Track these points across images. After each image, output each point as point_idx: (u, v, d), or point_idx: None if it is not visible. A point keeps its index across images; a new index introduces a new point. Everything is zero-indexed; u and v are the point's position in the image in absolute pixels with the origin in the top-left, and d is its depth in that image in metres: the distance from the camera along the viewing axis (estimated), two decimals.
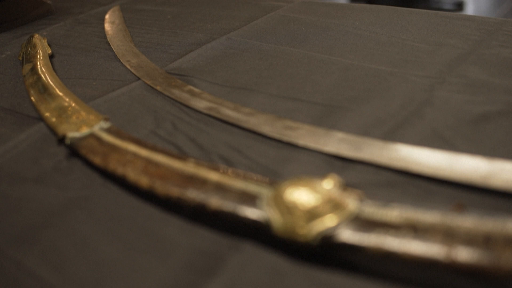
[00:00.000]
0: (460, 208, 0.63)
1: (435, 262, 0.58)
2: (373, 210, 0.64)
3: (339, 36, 1.43)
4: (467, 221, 0.60)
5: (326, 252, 0.65)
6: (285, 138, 0.93)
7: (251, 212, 0.68)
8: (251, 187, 0.71)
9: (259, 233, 0.69)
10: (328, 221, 0.63)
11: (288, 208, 0.65)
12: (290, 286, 0.64)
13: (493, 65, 1.19)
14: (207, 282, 0.66)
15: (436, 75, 1.15)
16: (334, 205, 0.64)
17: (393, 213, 0.63)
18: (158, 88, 1.15)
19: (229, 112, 1.02)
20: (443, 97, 1.06)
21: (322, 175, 0.70)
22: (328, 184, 0.67)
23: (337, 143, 0.89)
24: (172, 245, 0.73)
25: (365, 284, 0.63)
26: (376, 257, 0.60)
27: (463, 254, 0.57)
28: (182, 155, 0.81)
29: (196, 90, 1.12)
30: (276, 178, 0.81)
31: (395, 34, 1.41)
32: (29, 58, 1.30)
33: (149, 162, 0.80)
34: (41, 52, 1.32)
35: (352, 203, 0.65)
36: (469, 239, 0.58)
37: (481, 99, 1.06)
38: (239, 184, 0.73)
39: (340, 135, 0.91)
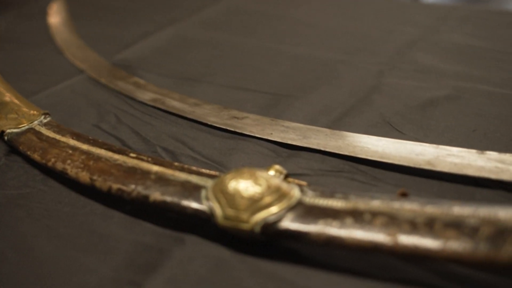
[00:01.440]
0: (404, 195, 0.63)
1: (379, 246, 0.57)
2: (316, 198, 0.63)
3: (290, 25, 1.42)
4: (411, 206, 0.59)
5: (270, 241, 0.64)
6: (231, 128, 0.91)
7: (194, 204, 0.66)
8: (194, 178, 0.70)
9: (203, 225, 0.67)
10: (270, 209, 0.61)
11: (231, 199, 0.63)
12: (234, 277, 0.62)
13: (443, 51, 1.19)
14: (150, 277, 0.64)
15: (385, 62, 1.15)
16: (277, 194, 0.62)
17: (337, 200, 0.62)
18: (102, 80, 1.12)
19: (174, 103, 1.00)
20: (392, 84, 1.06)
21: (268, 164, 0.69)
22: (271, 174, 0.66)
23: (283, 132, 0.88)
24: (114, 241, 0.70)
25: (310, 274, 0.62)
26: (320, 243, 0.59)
27: (406, 238, 0.56)
28: (123, 149, 0.79)
29: (141, 81, 1.10)
30: (221, 169, 0.80)
31: (347, 22, 1.40)
32: None
33: (89, 156, 0.77)
34: None
35: (294, 191, 0.63)
36: (413, 223, 0.57)
37: (429, 84, 1.06)
38: (182, 176, 0.71)
39: (287, 124, 0.90)
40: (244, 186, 0.64)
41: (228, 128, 0.90)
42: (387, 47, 1.23)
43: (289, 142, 0.85)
